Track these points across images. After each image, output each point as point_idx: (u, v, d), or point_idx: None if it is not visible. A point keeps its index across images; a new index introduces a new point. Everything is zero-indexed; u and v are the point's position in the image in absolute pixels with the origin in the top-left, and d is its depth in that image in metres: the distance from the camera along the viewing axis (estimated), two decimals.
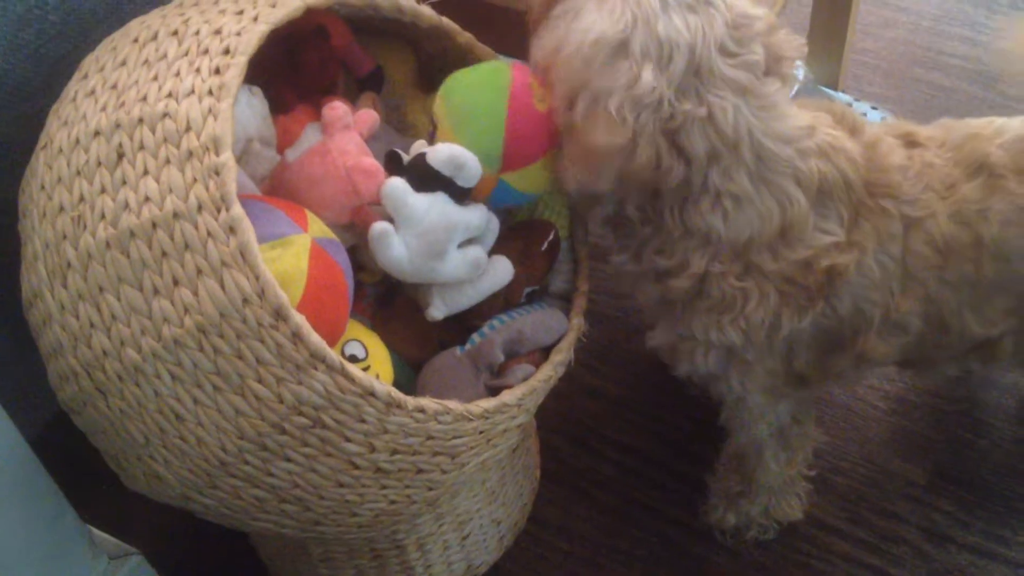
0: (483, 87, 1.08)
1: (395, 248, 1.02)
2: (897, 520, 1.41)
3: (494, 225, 1.10)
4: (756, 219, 1.03)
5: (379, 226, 1.01)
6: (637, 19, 0.95)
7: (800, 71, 1.77)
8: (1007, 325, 1.15)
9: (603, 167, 0.99)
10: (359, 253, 1.08)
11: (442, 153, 1.03)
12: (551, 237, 1.17)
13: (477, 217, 1.06)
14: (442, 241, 1.03)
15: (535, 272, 1.16)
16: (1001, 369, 1.44)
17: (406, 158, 1.06)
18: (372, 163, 1.02)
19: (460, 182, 1.03)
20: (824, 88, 1.82)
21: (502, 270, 1.10)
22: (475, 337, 1.10)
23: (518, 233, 1.18)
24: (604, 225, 1.14)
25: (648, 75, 0.95)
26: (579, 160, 1.00)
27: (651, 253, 1.09)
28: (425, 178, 1.03)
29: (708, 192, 1.01)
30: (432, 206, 1.02)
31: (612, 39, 0.96)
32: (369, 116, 1.07)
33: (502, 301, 1.13)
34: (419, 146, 1.08)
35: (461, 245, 1.06)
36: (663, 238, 1.07)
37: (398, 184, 1.02)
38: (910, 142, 1.13)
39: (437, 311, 1.08)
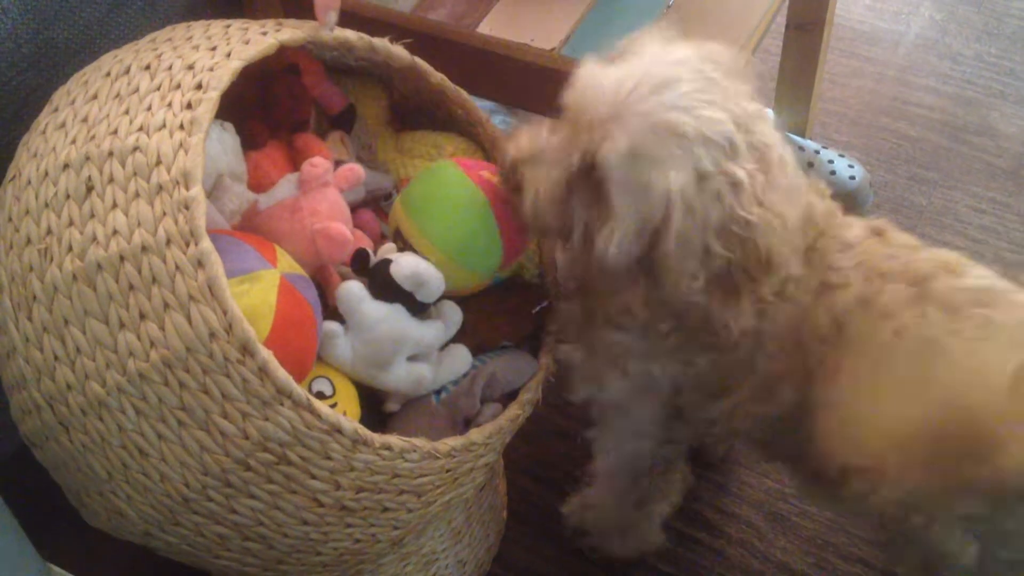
0: (466, 210, 1.08)
1: (340, 349, 1.02)
2: (863, 566, 1.41)
3: (457, 317, 1.09)
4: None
5: (329, 326, 1.01)
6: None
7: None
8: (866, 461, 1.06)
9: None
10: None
11: (405, 268, 1.03)
12: (544, 304, 1.17)
13: (431, 335, 1.05)
14: (388, 353, 1.02)
15: (519, 331, 1.17)
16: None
17: (373, 260, 1.05)
18: (339, 230, 1.02)
19: (420, 297, 1.03)
20: (792, 135, 1.85)
21: (460, 361, 1.10)
22: (449, 385, 1.10)
23: (514, 291, 1.18)
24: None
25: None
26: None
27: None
28: (385, 288, 1.02)
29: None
30: (386, 318, 1.02)
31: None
32: (351, 173, 1.07)
33: (476, 346, 1.13)
34: (387, 250, 1.08)
35: (410, 358, 1.05)
36: None
37: (354, 289, 1.02)
38: (875, 232, 1.10)
39: (394, 405, 1.08)
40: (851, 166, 1.82)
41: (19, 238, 0.93)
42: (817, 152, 1.84)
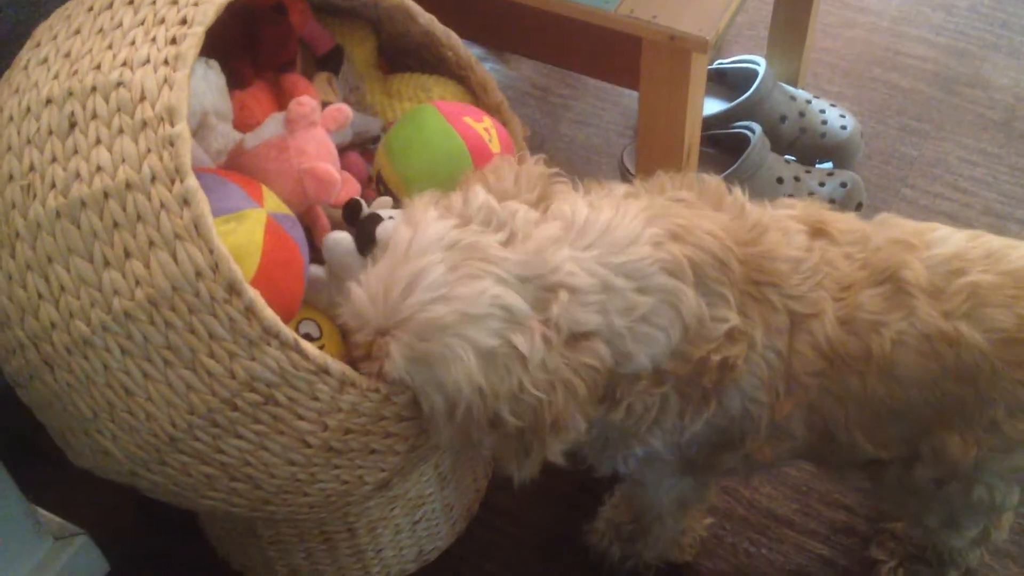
0: (445, 157, 1.08)
1: (321, 294, 1.03)
2: (847, 511, 1.42)
3: None
4: (659, 332, 0.96)
5: (314, 270, 1.02)
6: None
7: (761, 67, 1.78)
8: (898, 452, 1.08)
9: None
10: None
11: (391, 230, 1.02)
12: None
13: None
14: None
15: None
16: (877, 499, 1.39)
17: (366, 210, 1.05)
18: (326, 170, 1.01)
19: None
20: (784, 85, 1.83)
21: None
22: None
23: None
24: None
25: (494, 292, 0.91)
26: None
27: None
28: (370, 245, 1.02)
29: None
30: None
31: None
32: (339, 113, 1.06)
33: None
34: (381, 203, 1.08)
35: None
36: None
37: (342, 241, 1.02)
38: (817, 231, 1.04)
39: None
40: (842, 116, 1.81)
41: (1, 175, 0.92)
42: (809, 102, 1.82)
